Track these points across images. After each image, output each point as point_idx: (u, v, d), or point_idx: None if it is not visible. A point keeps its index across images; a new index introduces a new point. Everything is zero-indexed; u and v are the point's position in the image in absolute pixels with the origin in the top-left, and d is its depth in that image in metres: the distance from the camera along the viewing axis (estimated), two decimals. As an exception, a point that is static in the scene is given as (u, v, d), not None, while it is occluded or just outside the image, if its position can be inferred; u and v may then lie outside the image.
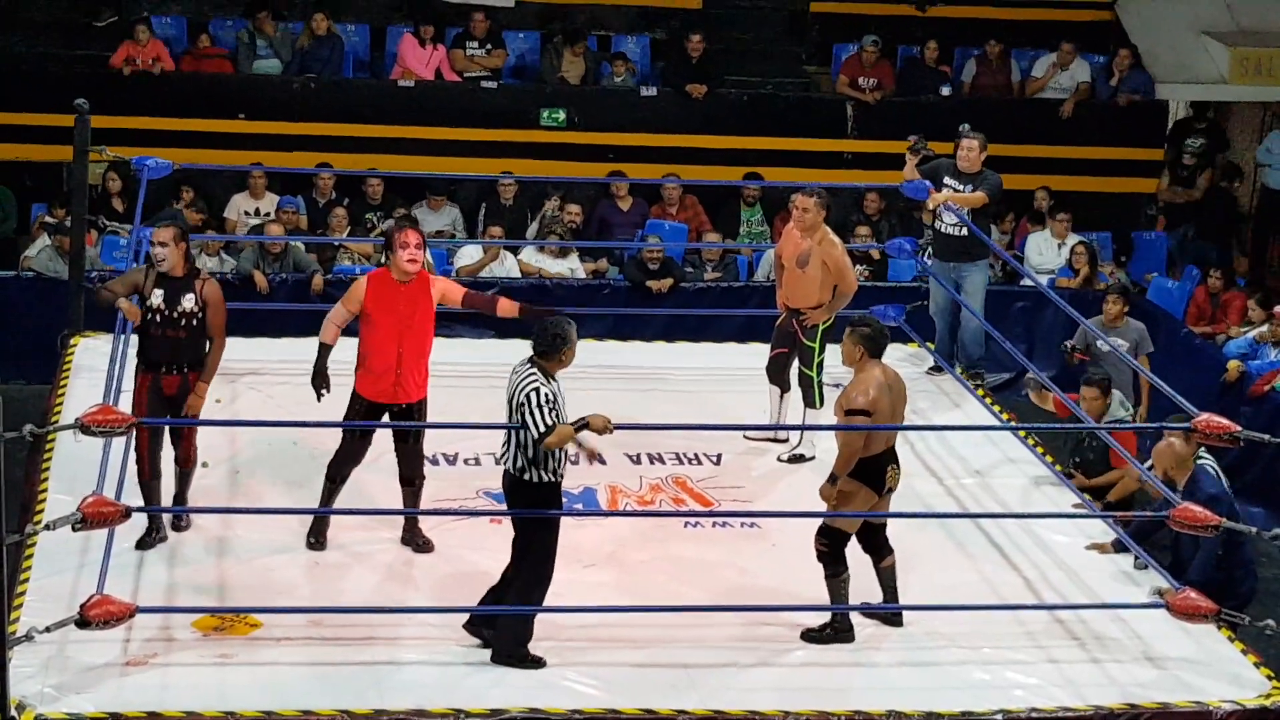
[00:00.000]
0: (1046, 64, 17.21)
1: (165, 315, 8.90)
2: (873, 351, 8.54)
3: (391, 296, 8.96)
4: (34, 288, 13.96)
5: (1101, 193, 16.99)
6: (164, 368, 8.93)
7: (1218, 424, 8.46)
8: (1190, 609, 8.40)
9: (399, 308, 8.95)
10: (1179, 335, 14.28)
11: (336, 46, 16.60)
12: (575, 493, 9.89)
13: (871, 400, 8.40)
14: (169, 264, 8.92)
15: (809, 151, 16.63)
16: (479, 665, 8.04)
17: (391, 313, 8.94)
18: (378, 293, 8.97)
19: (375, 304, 8.96)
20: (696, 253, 15.36)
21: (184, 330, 8.93)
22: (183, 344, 8.94)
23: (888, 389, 8.48)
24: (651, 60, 17.52)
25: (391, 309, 8.94)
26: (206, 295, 8.96)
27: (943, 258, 12.07)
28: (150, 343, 8.97)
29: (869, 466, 8.47)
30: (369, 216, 15.50)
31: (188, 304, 8.91)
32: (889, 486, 8.57)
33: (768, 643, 8.42)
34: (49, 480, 9.45)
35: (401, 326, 8.94)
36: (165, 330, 8.91)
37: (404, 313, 8.96)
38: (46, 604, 8.11)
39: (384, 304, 8.95)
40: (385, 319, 8.94)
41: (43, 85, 15.64)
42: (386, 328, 8.93)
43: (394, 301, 8.95)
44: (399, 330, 8.94)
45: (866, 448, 8.44)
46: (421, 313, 9.02)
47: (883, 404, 8.44)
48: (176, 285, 8.94)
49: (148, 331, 8.96)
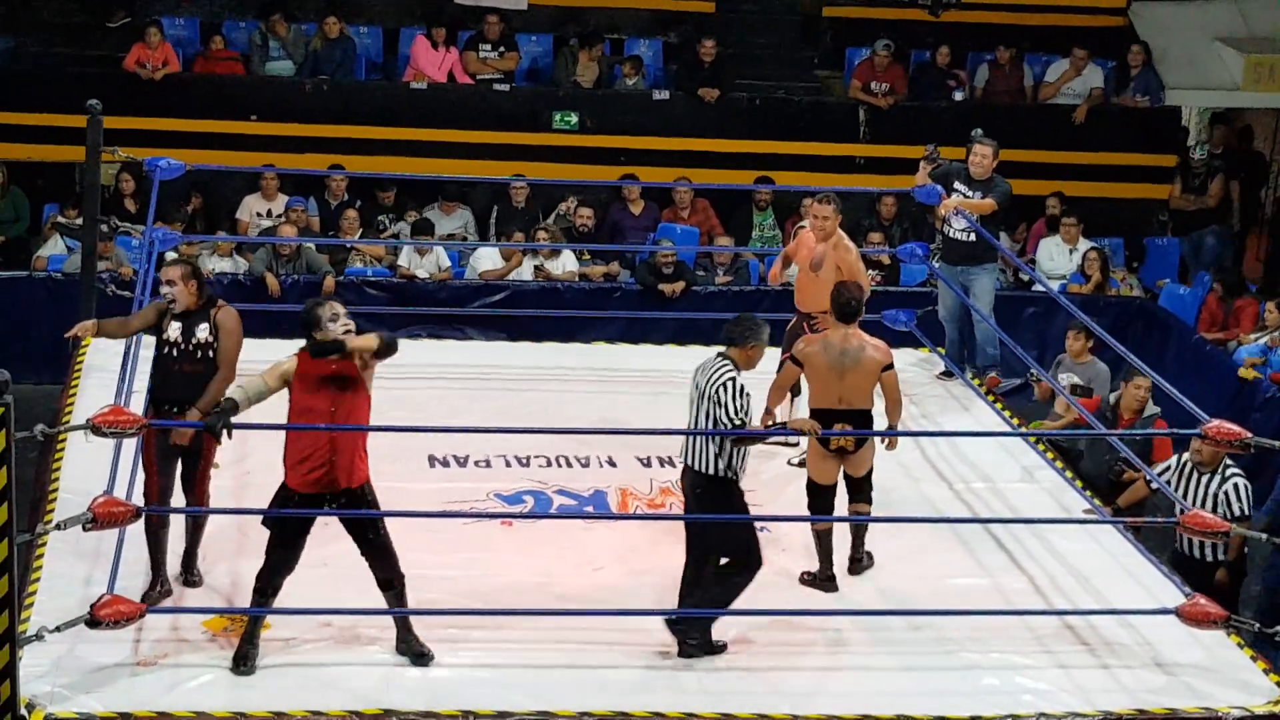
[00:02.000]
0: (1059, 69, 17.21)
1: (182, 349, 8.48)
2: (838, 316, 9.06)
3: (320, 375, 7.97)
4: (46, 288, 13.99)
5: (1114, 198, 16.98)
6: (176, 407, 8.42)
7: (1228, 430, 8.46)
8: (1200, 616, 8.40)
9: (329, 387, 7.97)
10: (1190, 342, 14.26)
11: (349, 48, 16.62)
12: (586, 495, 9.91)
13: (805, 353, 9.05)
14: (180, 304, 8.52)
15: (821, 156, 16.62)
16: (487, 667, 8.05)
17: (322, 393, 7.97)
18: (305, 371, 7.99)
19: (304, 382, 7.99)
20: (708, 256, 15.36)
21: (200, 363, 8.46)
22: (201, 378, 8.45)
23: (839, 352, 8.97)
24: (664, 64, 17.53)
25: (322, 388, 7.97)
26: (220, 320, 8.54)
27: (950, 262, 12.08)
28: (166, 379, 8.52)
29: (814, 418, 8.92)
30: (380, 219, 15.52)
31: (202, 334, 8.49)
32: (837, 445, 8.97)
33: (776, 646, 8.41)
34: (60, 480, 9.47)
35: (333, 407, 7.96)
36: (183, 365, 8.46)
37: (335, 392, 7.97)
38: (57, 603, 8.12)
39: (312, 382, 7.97)
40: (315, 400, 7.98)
41: (55, 86, 15.67)
42: (318, 408, 7.96)
43: (323, 380, 7.96)
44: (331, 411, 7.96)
45: (810, 398, 9.06)
46: (353, 389, 8.02)
47: (818, 360, 8.98)
48: (193, 317, 8.54)
49: (165, 367, 8.52)
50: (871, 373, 9.04)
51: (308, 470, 7.94)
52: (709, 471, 8.31)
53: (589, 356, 12.27)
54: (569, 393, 11.42)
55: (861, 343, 9.05)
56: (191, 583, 8.70)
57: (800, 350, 9.12)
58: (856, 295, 9.13)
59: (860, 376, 9.03)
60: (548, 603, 8.53)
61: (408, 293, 14.17)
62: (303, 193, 15.59)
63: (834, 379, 8.98)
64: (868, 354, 9.04)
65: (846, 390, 9.01)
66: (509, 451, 10.30)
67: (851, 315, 9.06)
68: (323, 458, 7.93)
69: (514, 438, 10.26)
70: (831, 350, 9.00)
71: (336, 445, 7.93)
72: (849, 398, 9.01)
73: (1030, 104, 17.27)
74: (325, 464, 7.93)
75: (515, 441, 10.29)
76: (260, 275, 14.19)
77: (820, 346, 9.04)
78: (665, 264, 14.66)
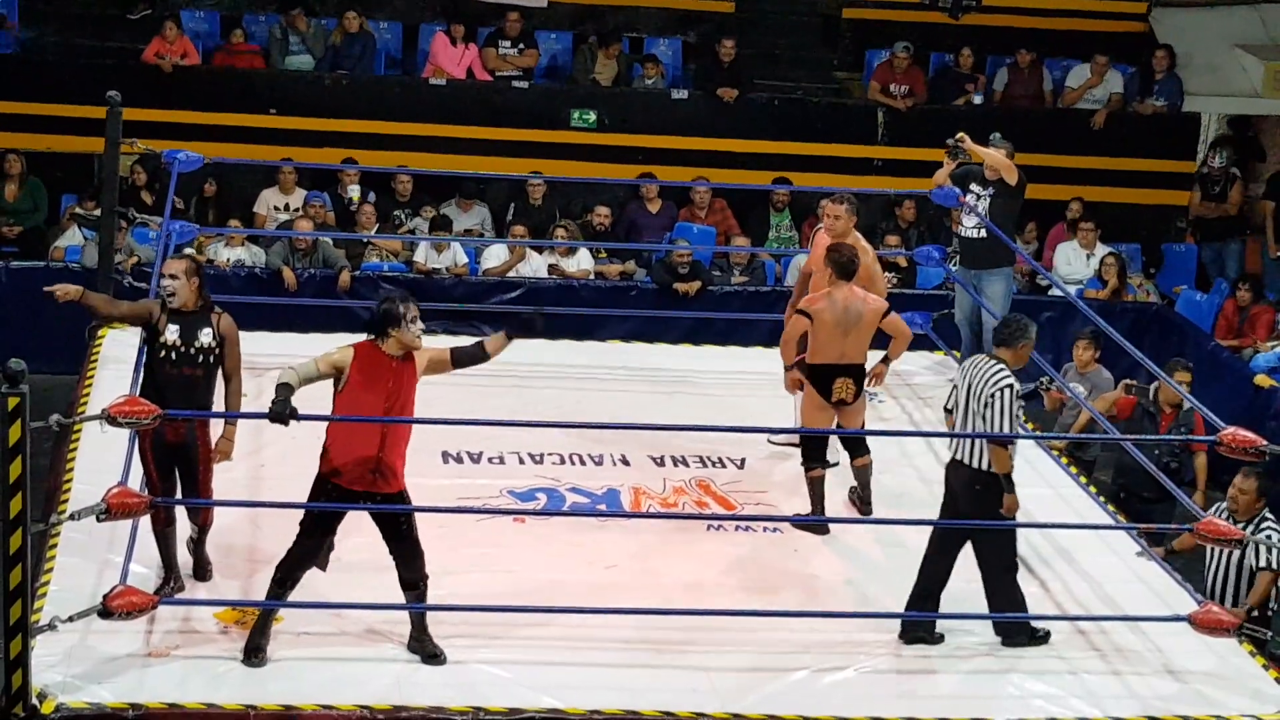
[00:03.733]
0: (1081, 75, 17.18)
1: (181, 352, 8.30)
2: (838, 273, 9.58)
3: (381, 372, 7.93)
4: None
5: (1132, 204, 16.96)
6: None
7: (1244, 438, 8.43)
8: (1212, 623, 8.38)
9: (387, 384, 7.93)
10: (1207, 349, 14.23)
11: (369, 44, 16.64)
12: (599, 493, 9.91)
13: (816, 308, 9.51)
14: (179, 299, 8.28)
15: (839, 157, 16.62)
16: (499, 664, 8.04)
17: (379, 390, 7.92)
18: (364, 366, 7.92)
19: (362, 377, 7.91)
20: (724, 256, 15.35)
21: (200, 368, 8.32)
22: (199, 383, 8.35)
23: (843, 309, 9.48)
24: (684, 63, 17.53)
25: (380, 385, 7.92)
26: (224, 330, 8.39)
27: (966, 265, 12.06)
28: (163, 381, 8.30)
29: (817, 372, 9.55)
30: (397, 214, 15.54)
31: (205, 339, 8.33)
32: (838, 397, 9.55)
33: (788, 648, 8.40)
34: (74, 471, 9.48)
35: (389, 405, 7.91)
36: (182, 368, 8.29)
37: (392, 390, 7.95)
38: (69, 594, 8.13)
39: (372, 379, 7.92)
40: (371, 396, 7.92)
41: (76, 77, 15.71)
42: (372, 405, 7.90)
43: (383, 377, 7.93)
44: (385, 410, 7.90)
45: (813, 352, 9.53)
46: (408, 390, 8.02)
47: (827, 316, 9.47)
48: (191, 320, 8.35)
49: (161, 370, 8.32)
50: (871, 325, 9.59)
51: (354, 467, 7.86)
52: (981, 467, 8.43)
53: (603, 355, 12.26)
54: (583, 390, 11.42)
55: (861, 298, 9.60)
56: (202, 577, 8.65)
57: (811, 306, 9.55)
58: (852, 253, 9.66)
59: (861, 331, 9.59)
60: (559, 600, 8.52)
61: (424, 288, 14.17)
62: (319, 187, 15.61)
63: (839, 335, 9.52)
64: (868, 307, 9.58)
65: (849, 346, 9.57)
66: (522, 448, 10.30)
67: (851, 272, 9.60)
68: (372, 457, 7.85)
69: (527, 434, 10.25)
70: (836, 307, 9.51)
71: (386, 445, 7.86)
72: (850, 353, 9.58)
73: (1049, 108, 17.25)
74: (374, 464, 7.86)
75: (528, 438, 10.29)
76: (277, 269, 14.21)
77: (827, 303, 9.52)
78: (681, 263, 14.66)
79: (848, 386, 9.58)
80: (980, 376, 8.46)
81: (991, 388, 8.37)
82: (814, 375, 9.61)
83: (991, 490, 8.41)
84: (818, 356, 9.58)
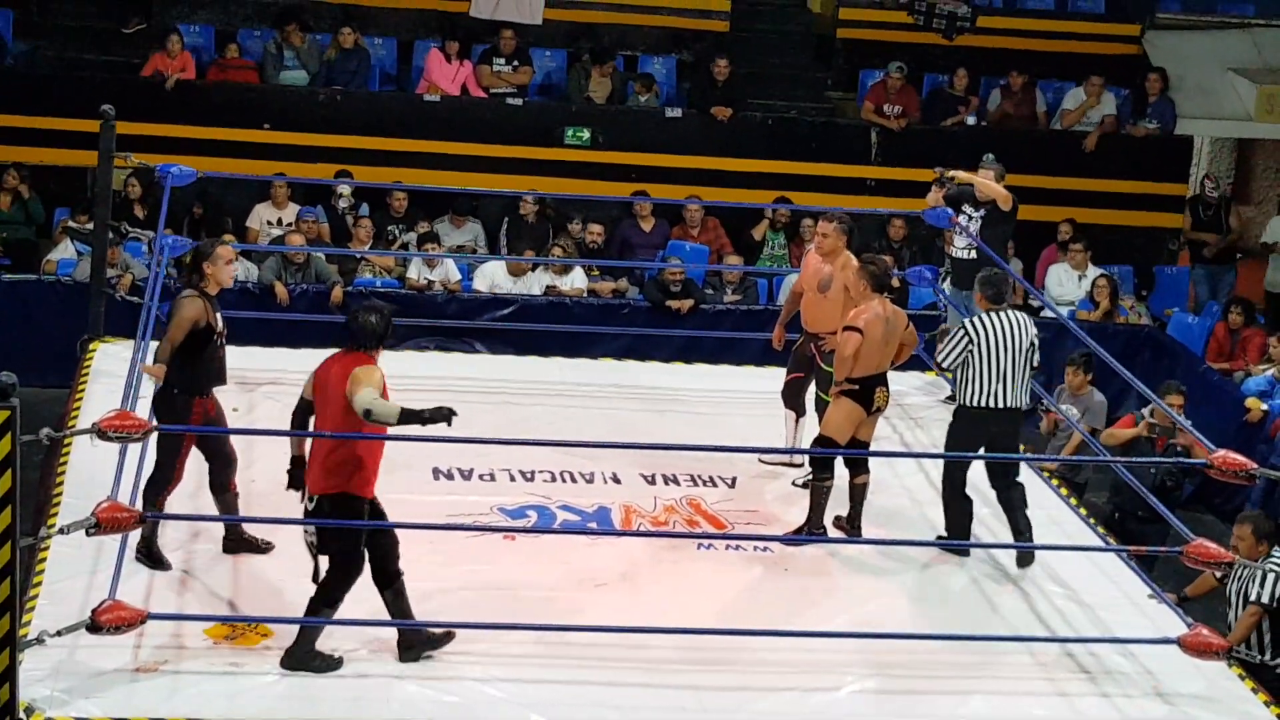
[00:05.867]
0: (1076, 97, 17.21)
1: (222, 332, 8.82)
2: (875, 286, 9.65)
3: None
4: (55, 292, 14.02)
5: (1124, 226, 16.99)
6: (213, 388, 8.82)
7: (1234, 460, 8.43)
8: (1202, 646, 8.38)
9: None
10: (1198, 371, 14.25)
11: (363, 60, 16.65)
12: (590, 511, 9.90)
13: (865, 323, 9.52)
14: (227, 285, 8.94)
15: (832, 177, 16.65)
16: (489, 681, 8.03)
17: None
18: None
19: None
20: (717, 275, 15.37)
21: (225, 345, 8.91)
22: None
23: (885, 320, 9.59)
24: (678, 82, 17.55)
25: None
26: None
27: (958, 286, 12.06)
28: (214, 366, 8.78)
29: (862, 384, 9.56)
30: (391, 229, 15.54)
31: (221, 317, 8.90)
32: (877, 406, 9.66)
33: (777, 667, 8.39)
34: (64, 484, 9.47)
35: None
36: (220, 349, 8.81)
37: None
38: (58, 608, 8.11)
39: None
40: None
41: (70, 90, 15.72)
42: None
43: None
44: None
45: (857, 366, 9.52)
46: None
47: (875, 330, 9.53)
48: (214, 301, 8.87)
49: (215, 356, 8.77)
50: (901, 334, 9.78)
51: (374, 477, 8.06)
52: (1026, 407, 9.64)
53: (596, 372, 12.26)
54: (575, 408, 11.42)
55: (894, 310, 9.79)
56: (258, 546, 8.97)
57: (859, 320, 9.54)
58: (886, 266, 9.83)
59: (896, 340, 9.77)
60: (549, 618, 8.51)
61: (416, 304, 14.17)
62: (313, 202, 15.62)
63: (881, 346, 9.62)
64: (901, 317, 9.82)
65: (885, 356, 9.71)
66: (513, 466, 10.29)
67: (885, 285, 9.73)
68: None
69: (518, 452, 10.24)
70: (881, 320, 9.61)
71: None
72: (885, 363, 9.73)
73: (1042, 130, 17.28)
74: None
75: (520, 455, 10.28)
76: (270, 284, 14.20)
77: (873, 316, 9.58)
78: (674, 281, 14.67)
79: (885, 395, 9.71)
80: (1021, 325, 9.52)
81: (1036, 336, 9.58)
82: (859, 386, 9.60)
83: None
84: (862, 369, 9.58)
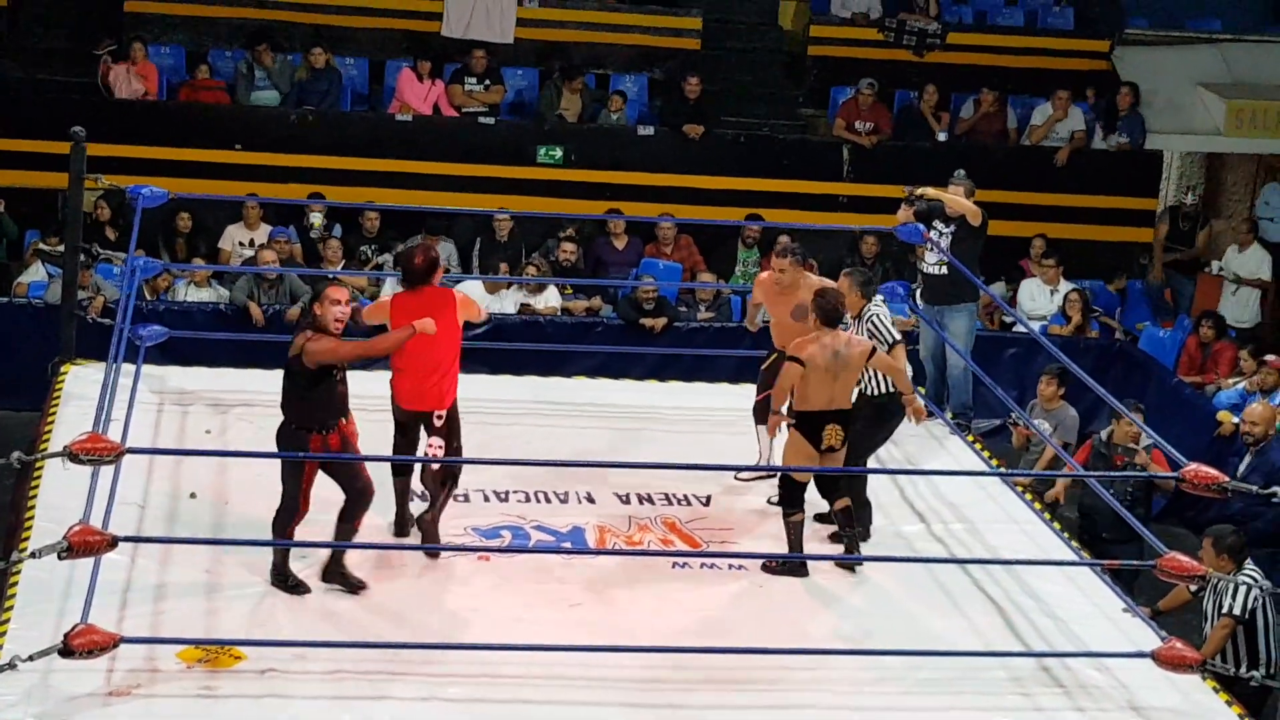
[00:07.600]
0: (1044, 112, 17.28)
1: (341, 369, 8.78)
2: (824, 320, 9.40)
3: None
4: (27, 314, 13.97)
5: (1095, 241, 17.05)
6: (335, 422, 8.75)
7: (1206, 474, 8.46)
8: (1176, 659, 8.39)
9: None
10: (1169, 385, 14.29)
11: (335, 80, 16.65)
12: (564, 531, 9.89)
13: (808, 355, 9.27)
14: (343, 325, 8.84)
15: (804, 194, 16.70)
16: (463, 702, 8.01)
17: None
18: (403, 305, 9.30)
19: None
20: (690, 292, 15.38)
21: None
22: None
23: (833, 353, 9.30)
24: (649, 99, 17.58)
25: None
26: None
27: (929, 301, 12.09)
28: (333, 402, 8.72)
29: (806, 420, 9.34)
30: (363, 249, 15.53)
31: None
32: (828, 444, 9.34)
33: (755, 684, 8.38)
34: (36, 508, 9.42)
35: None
36: (341, 384, 8.77)
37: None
38: (30, 632, 8.06)
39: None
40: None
41: (39, 112, 15.69)
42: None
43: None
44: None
45: (802, 399, 9.32)
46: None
47: (819, 361, 9.27)
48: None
49: (336, 388, 8.73)
50: (858, 369, 9.49)
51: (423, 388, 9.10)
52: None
53: (569, 391, 12.25)
54: (548, 427, 11.40)
55: (846, 341, 9.44)
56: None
57: (802, 352, 9.31)
58: (837, 300, 9.56)
59: (849, 376, 9.44)
60: (523, 639, 8.49)
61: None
62: (285, 223, 15.60)
63: (829, 380, 9.31)
64: (854, 351, 9.42)
65: (837, 391, 9.36)
66: (486, 486, 10.27)
67: (836, 320, 9.45)
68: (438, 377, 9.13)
69: (492, 472, 10.24)
70: (827, 352, 9.32)
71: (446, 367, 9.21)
72: (838, 399, 9.38)
73: (1013, 146, 17.35)
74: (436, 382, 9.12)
75: (493, 475, 10.27)
76: (243, 304, 14.18)
77: (818, 348, 9.32)
78: (647, 299, 14.68)
79: (836, 433, 9.33)
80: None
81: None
82: (803, 422, 9.37)
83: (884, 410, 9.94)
84: (807, 403, 9.32)
